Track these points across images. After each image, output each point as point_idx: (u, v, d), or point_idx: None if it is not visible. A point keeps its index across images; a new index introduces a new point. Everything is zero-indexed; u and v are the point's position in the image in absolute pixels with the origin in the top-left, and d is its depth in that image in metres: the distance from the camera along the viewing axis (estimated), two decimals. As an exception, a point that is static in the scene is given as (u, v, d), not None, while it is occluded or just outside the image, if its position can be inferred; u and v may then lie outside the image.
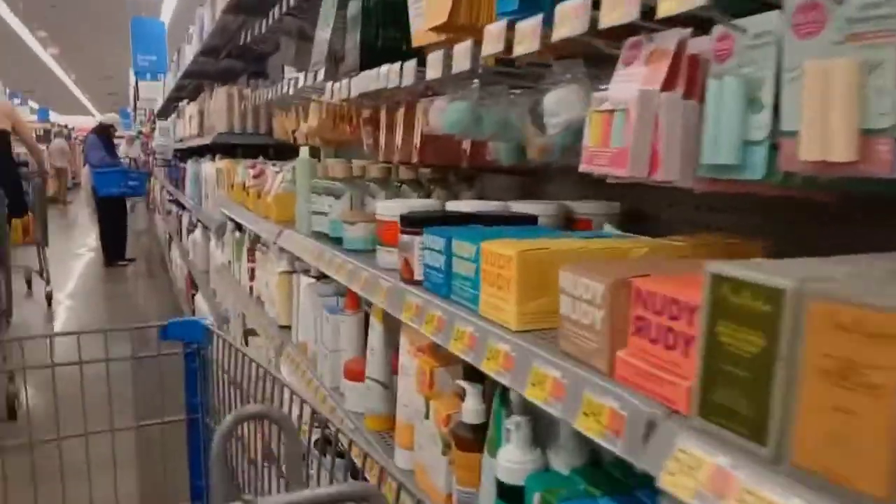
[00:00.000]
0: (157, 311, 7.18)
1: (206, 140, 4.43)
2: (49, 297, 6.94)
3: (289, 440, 1.10)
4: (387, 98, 2.14)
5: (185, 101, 6.64)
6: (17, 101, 20.64)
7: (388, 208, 1.59)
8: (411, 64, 1.71)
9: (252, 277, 3.31)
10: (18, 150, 7.79)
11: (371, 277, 1.59)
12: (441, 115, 1.57)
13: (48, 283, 7.01)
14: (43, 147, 16.35)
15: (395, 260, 1.57)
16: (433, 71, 1.57)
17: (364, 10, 2.23)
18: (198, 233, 5.48)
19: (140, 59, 15.43)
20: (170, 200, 8.44)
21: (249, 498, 0.67)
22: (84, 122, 23.83)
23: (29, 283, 7.54)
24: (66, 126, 24.18)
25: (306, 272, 2.68)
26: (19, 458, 1.58)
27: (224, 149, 4.82)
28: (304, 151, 2.42)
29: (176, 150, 7.26)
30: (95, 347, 1.67)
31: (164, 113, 10.56)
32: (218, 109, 4.20)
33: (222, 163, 3.94)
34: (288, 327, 2.69)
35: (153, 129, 12.73)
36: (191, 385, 1.68)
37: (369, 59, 2.18)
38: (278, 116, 3.89)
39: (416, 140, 1.87)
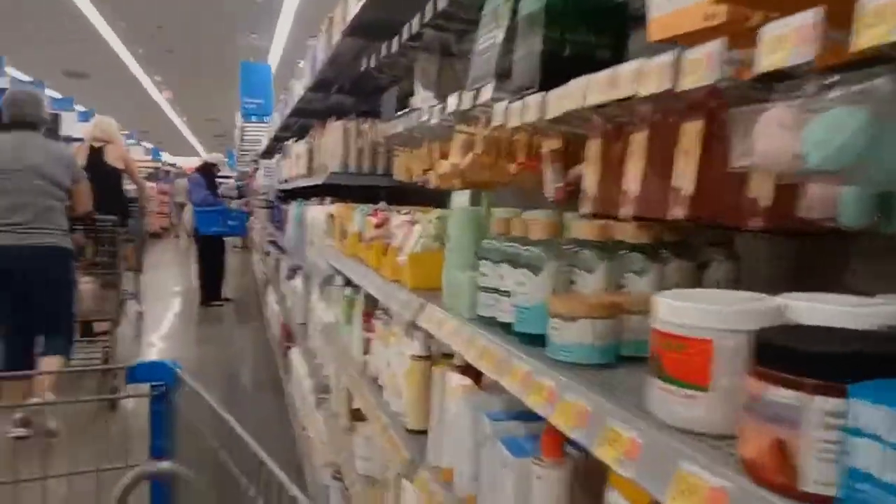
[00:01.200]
0: (249, 361, 6.60)
1: (317, 180, 3.78)
2: (140, 317, 7.06)
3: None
4: (604, 120, 1.38)
5: (293, 139, 6.12)
6: (131, 140, 21.15)
7: (692, 312, 0.80)
8: (709, 50, 0.95)
9: (367, 350, 2.59)
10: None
11: (659, 450, 0.80)
12: (804, 134, 0.79)
13: (140, 303, 7.09)
14: (152, 184, 16.57)
15: (706, 418, 0.78)
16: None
17: (548, 8, 1.52)
18: (298, 281, 4.86)
19: (247, 101, 15.44)
20: (269, 242, 7.96)
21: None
22: (190, 163, 24.31)
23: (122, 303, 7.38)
24: (174, 165, 24.73)
25: (448, 357, 1.93)
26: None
27: (331, 190, 4.19)
28: (460, 197, 1.69)
29: (279, 191, 6.74)
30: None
31: (269, 153, 10.22)
32: (332, 146, 3.56)
33: (334, 207, 3.27)
34: (420, 433, 1.93)
35: (256, 170, 12.50)
36: (156, 428, 1.56)
37: (553, 71, 1.48)
38: (402, 155, 3.21)
39: (686, 184, 1.09)
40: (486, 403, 1.46)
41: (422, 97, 2.61)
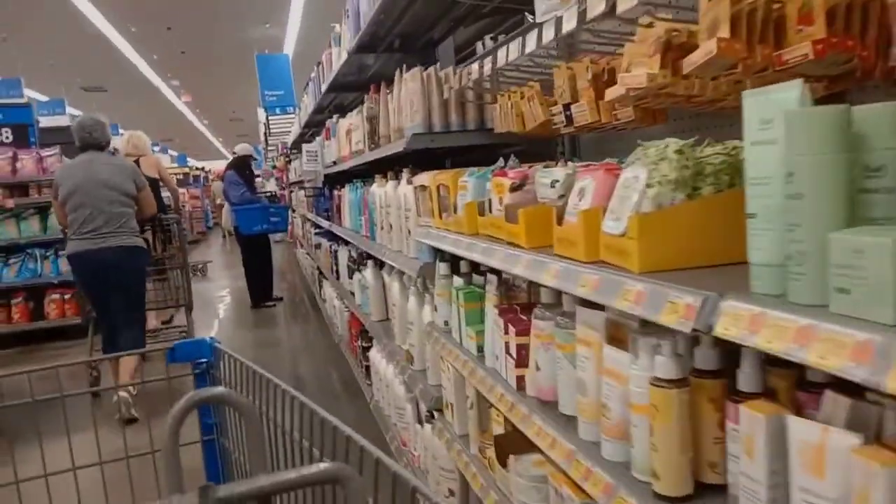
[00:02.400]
0: (316, 364, 5.88)
1: (393, 148, 2.99)
2: (189, 309, 6.59)
3: (249, 425, 0.95)
4: None
5: (335, 117, 5.32)
6: (157, 148, 20.59)
7: None
8: None
9: (522, 362, 1.81)
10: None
11: None
12: None
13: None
14: (183, 190, 15.92)
15: None
16: None
17: None
18: (368, 272, 4.10)
19: (267, 95, 14.68)
20: (317, 233, 7.21)
21: (207, 485, 0.60)
22: (218, 166, 23.63)
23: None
24: (202, 169, 24.14)
25: (706, 376, 1.15)
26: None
27: (391, 166, 3.39)
28: (776, 98, 0.89)
29: (325, 176, 5.95)
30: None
31: (299, 143, 9.44)
32: (408, 102, 2.76)
33: (427, 176, 2.48)
34: (681, 501, 1.16)
35: (288, 163, 11.74)
36: (203, 406, 1.47)
37: None
38: (504, 99, 2.41)
39: None
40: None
41: (550, 3, 1.80)
